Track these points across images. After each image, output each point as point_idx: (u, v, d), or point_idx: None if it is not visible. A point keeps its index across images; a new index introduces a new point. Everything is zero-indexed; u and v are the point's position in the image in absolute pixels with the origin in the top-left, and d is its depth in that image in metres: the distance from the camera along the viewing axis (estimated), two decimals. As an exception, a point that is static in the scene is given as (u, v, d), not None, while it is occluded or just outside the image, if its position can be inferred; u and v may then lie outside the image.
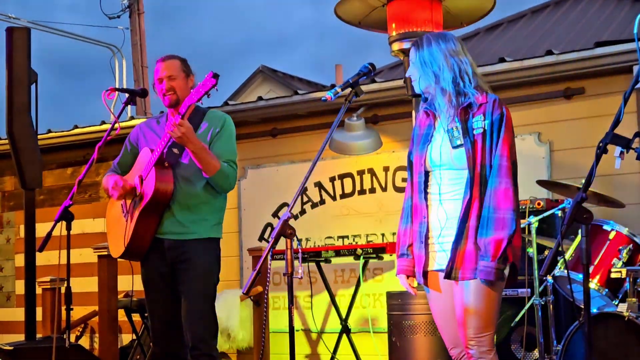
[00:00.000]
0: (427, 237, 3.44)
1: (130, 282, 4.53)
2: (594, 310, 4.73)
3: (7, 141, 6.36)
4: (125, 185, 4.24)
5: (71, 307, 5.00)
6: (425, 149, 3.45)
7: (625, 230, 4.87)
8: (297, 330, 7.02)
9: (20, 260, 7.79)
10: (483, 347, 3.33)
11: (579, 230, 2.99)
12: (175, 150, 4.20)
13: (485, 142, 3.32)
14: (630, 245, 4.84)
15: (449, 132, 3.40)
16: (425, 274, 3.45)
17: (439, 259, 3.40)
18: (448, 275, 3.33)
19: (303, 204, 7.30)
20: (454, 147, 3.37)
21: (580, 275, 4.73)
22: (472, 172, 3.32)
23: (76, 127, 8.44)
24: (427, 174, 3.45)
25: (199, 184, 4.22)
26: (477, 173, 3.31)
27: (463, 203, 3.32)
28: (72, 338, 7.44)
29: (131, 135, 4.49)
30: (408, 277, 3.53)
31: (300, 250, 3.24)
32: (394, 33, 5.32)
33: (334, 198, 7.20)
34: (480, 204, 3.29)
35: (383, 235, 6.90)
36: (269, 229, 7.39)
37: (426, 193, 3.45)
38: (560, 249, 2.98)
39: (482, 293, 3.30)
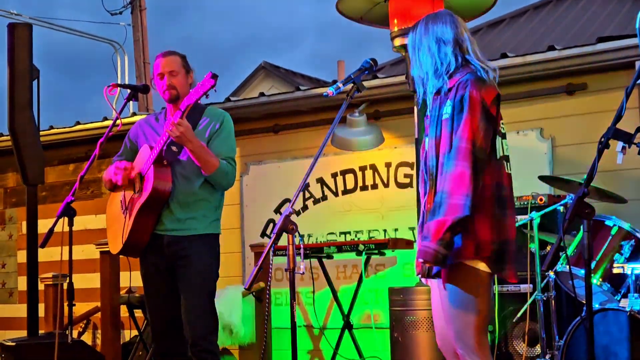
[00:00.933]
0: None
1: (132, 278, 4.53)
2: (596, 306, 4.73)
3: (9, 137, 6.37)
4: (126, 165, 4.24)
5: (73, 303, 5.01)
6: (423, 140, 3.41)
7: (627, 226, 4.87)
8: (299, 326, 7.02)
9: (22, 256, 7.81)
10: (467, 347, 3.21)
11: (581, 226, 2.98)
12: (174, 148, 4.21)
13: (447, 128, 3.16)
14: (632, 241, 4.84)
15: (425, 120, 3.36)
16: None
17: None
18: (422, 273, 3.26)
19: (305, 200, 7.30)
20: (425, 137, 3.31)
21: (582, 271, 4.73)
22: (436, 161, 3.20)
23: (78, 123, 8.44)
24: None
25: (198, 182, 4.22)
26: (441, 162, 3.17)
27: (427, 195, 3.23)
28: (75, 334, 7.45)
29: (131, 132, 4.50)
30: None
31: (302, 246, 3.24)
32: (395, 29, 5.32)
33: (336, 194, 7.20)
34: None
35: (385, 231, 6.90)
36: (271, 225, 7.39)
37: (425, 183, 3.35)
38: (562, 244, 2.96)
39: (452, 294, 3.20)
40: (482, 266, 3.17)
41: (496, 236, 3.17)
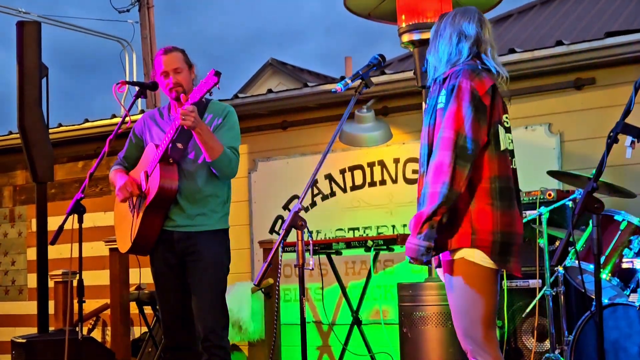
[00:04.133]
0: None
1: (141, 275, 4.55)
2: (605, 301, 4.73)
3: (18, 135, 6.39)
4: (134, 190, 4.25)
5: (83, 300, 5.02)
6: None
7: (636, 220, 4.86)
8: (308, 322, 7.03)
9: (32, 253, 7.83)
10: (473, 344, 3.19)
11: (590, 221, 2.98)
12: (179, 145, 4.21)
13: (442, 117, 3.16)
14: (642, 236, 4.83)
15: (425, 109, 3.36)
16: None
17: None
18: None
19: (313, 196, 7.30)
20: (424, 125, 3.32)
21: (591, 266, 4.72)
22: (429, 149, 3.22)
23: (87, 120, 8.47)
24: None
25: (204, 178, 4.24)
26: (430, 150, 3.20)
27: (417, 185, 3.25)
28: (85, 331, 7.47)
29: (135, 127, 4.51)
30: None
31: (311, 242, 3.25)
32: (403, 24, 5.32)
33: (344, 190, 7.20)
34: None
35: (394, 227, 6.90)
36: (280, 221, 7.40)
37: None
38: (571, 239, 2.96)
39: (452, 285, 3.20)
40: (483, 258, 3.14)
41: (497, 227, 3.14)
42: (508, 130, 3.32)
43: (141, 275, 4.48)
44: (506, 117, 3.32)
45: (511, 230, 3.17)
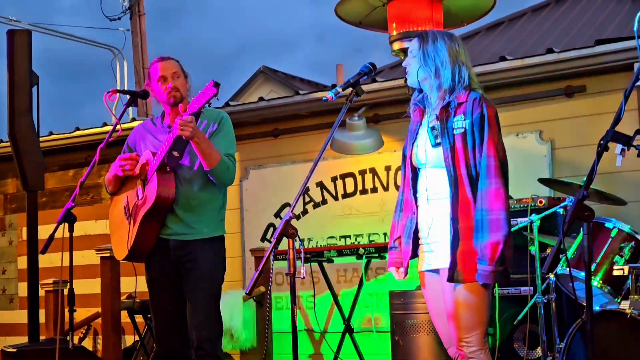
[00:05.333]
0: (415, 235, 3.48)
1: (133, 284, 4.53)
2: (597, 308, 4.73)
3: (8, 143, 6.37)
4: (133, 156, 4.24)
5: (74, 308, 5.01)
6: (411, 146, 3.51)
7: (627, 228, 4.87)
8: (300, 331, 7.02)
9: (22, 262, 7.81)
10: (472, 346, 3.34)
11: (581, 228, 2.99)
12: (176, 154, 4.20)
13: (466, 141, 3.32)
14: (632, 243, 4.84)
15: (431, 130, 3.43)
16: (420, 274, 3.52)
17: (428, 259, 3.46)
18: (451, 278, 3.33)
19: (305, 204, 7.30)
20: (433, 146, 3.41)
21: (583, 273, 4.73)
22: (454, 171, 3.33)
23: (78, 129, 8.45)
24: (416, 170, 3.49)
25: (200, 185, 4.23)
26: (460, 173, 3.32)
27: (451, 203, 3.34)
28: (76, 340, 7.45)
29: (129, 139, 4.50)
30: (398, 268, 3.58)
31: (302, 250, 3.24)
32: (394, 32, 5.33)
33: (335, 198, 7.20)
34: (467, 203, 3.30)
35: (385, 234, 6.90)
36: (271, 229, 7.40)
37: (416, 190, 3.49)
38: (562, 246, 2.98)
39: (470, 293, 3.32)
40: None
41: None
42: None
43: (137, 283, 4.46)
44: None
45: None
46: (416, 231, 3.49)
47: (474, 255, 3.27)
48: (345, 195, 7.16)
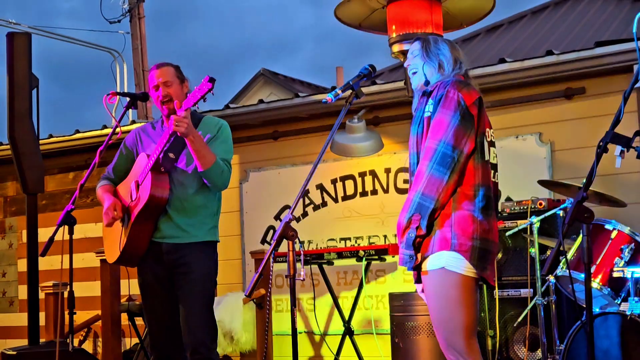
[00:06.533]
0: None
1: (133, 286, 4.54)
2: (596, 310, 4.73)
3: (8, 146, 6.38)
4: (118, 213, 4.24)
5: (74, 311, 5.01)
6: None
7: (627, 230, 4.87)
8: (300, 333, 7.02)
9: (22, 265, 7.82)
10: (457, 353, 3.20)
11: (581, 230, 2.99)
12: (171, 155, 4.20)
13: (428, 126, 3.24)
14: (632, 244, 4.84)
15: (413, 119, 3.41)
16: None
17: None
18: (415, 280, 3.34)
19: (305, 206, 7.31)
20: (412, 134, 3.37)
21: (582, 275, 4.73)
22: (416, 157, 3.29)
23: (77, 131, 8.45)
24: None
25: (195, 188, 4.22)
26: (418, 158, 3.28)
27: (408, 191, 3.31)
28: (76, 342, 7.45)
29: (127, 139, 4.49)
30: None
31: (302, 253, 3.24)
32: (394, 35, 5.33)
33: (335, 200, 7.20)
34: None
35: (385, 236, 6.90)
36: (271, 231, 7.40)
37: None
38: (561, 248, 2.97)
39: (437, 299, 3.22)
40: (464, 266, 3.17)
41: (477, 233, 3.19)
42: (492, 144, 3.38)
43: (131, 286, 4.46)
44: (491, 132, 3.38)
45: (489, 237, 3.22)
46: None
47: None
48: (345, 197, 7.16)
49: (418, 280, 3.33)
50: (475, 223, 3.18)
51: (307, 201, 7.30)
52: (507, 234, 5.42)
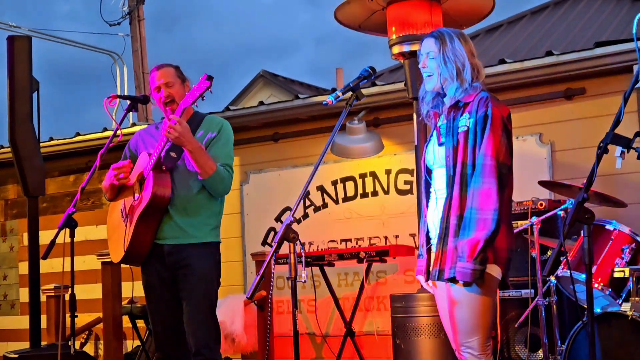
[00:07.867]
0: (428, 237, 3.47)
1: (134, 288, 4.54)
2: (598, 310, 4.74)
3: (9, 149, 6.38)
4: (125, 164, 4.23)
5: (75, 314, 5.02)
6: (426, 148, 3.52)
7: (627, 230, 4.88)
8: (301, 334, 7.01)
9: (24, 268, 7.80)
10: (472, 351, 3.30)
11: (581, 231, 2.99)
12: (173, 154, 4.20)
13: (468, 140, 3.29)
14: (633, 245, 4.85)
15: (439, 129, 3.43)
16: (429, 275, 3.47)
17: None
18: (434, 276, 3.34)
19: (306, 208, 7.31)
20: (439, 145, 3.40)
21: (583, 275, 4.73)
22: (453, 170, 3.31)
23: (78, 134, 8.46)
24: (431, 172, 3.49)
25: (197, 188, 4.21)
26: (458, 172, 3.30)
27: (445, 202, 3.33)
28: (77, 345, 7.45)
29: (130, 141, 4.50)
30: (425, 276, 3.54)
31: (303, 254, 3.25)
32: (394, 36, 5.33)
33: (336, 202, 7.20)
34: (461, 203, 3.28)
35: (386, 238, 6.91)
36: (272, 233, 7.40)
37: (428, 192, 3.49)
38: (562, 249, 2.98)
39: (466, 297, 3.29)
40: (497, 271, 3.28)
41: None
42: None
43: (134, 288, 4.46)
44: None
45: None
46: (429, 235, 3.49)
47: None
48: (346, 198, 7.16)
49: (427, 277, 3.44)
50: (508, 236, 3.30)
51: (307, 203, 7.30)
52: (508, 234, 5.42)
